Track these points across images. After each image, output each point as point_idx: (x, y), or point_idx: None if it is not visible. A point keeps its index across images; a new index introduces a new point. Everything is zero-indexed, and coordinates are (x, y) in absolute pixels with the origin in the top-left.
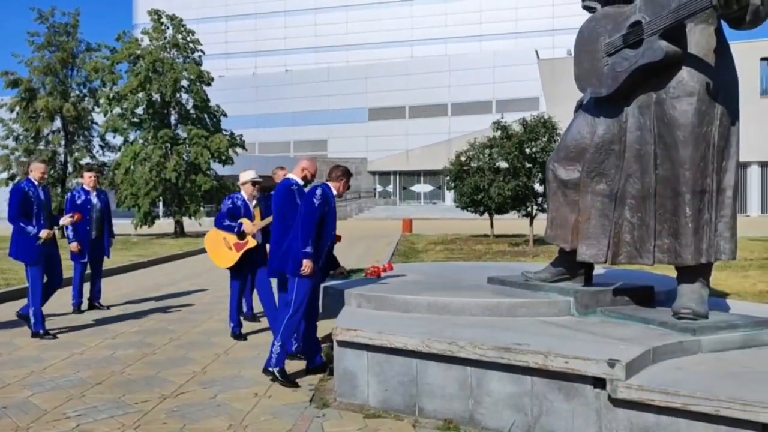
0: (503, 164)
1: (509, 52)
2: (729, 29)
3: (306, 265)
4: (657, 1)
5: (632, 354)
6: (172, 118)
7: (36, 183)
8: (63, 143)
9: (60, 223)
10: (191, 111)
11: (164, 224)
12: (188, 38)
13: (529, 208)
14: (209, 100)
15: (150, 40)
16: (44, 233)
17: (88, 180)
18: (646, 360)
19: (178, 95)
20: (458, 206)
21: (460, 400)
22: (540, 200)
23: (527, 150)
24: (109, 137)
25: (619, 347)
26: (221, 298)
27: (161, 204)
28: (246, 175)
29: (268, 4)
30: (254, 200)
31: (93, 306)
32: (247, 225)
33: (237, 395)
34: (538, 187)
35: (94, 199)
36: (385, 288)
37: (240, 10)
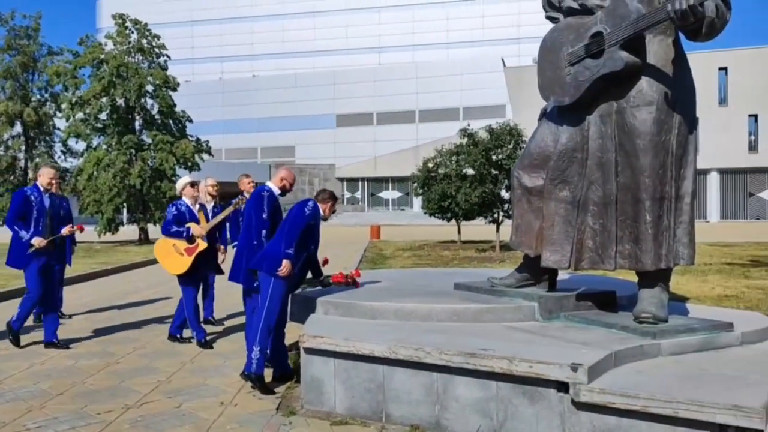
0: (470, 171)
1: (476, 60)
2: (687, 40)
3: (284, 266)
4: (617, 13)
5: (594, 358)
6: (137, 124)
7: (42, 189)
8: (23, 149)
9: (62, 233)
10: (156, 116)
11: (128, 231)
12: (153, 43)
13: (496, 215)
14: (175, 106)
15: (114, 45)
16: (36, 240)
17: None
18: (608, 364)
19: (143, 100)
20: (426, 212)
21: (427, 406)
22: (506, 206)
23: (493, 157)
24: (72, 143)
25: (582, 351)
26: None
27: (125, 210)
28: (182, 181)
29: (235, 10)
30: (197, 204)
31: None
32: (196, 228)
33: (203, 404)
34: (505, 194)
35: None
36: (353, 295)
37: (206, 15)
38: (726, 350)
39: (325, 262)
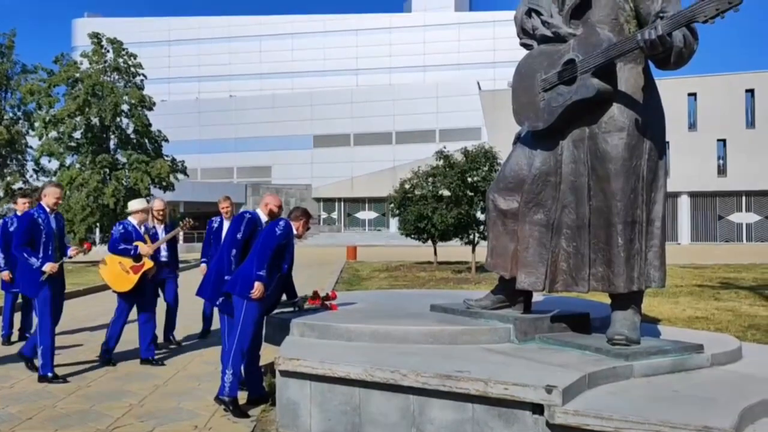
0: (446, 192)
1: (452, 83)
2: (657, 69)
3: (257, 288)
4: (589, 42)
5: (569, 380)
6: (112, 143)
7: (48, 210)
8: None
9: (69, 254)
10: (132, 136)
11: (101, 251)
12: (130, 62)
13: (472, 236)
14: (151, 125)
15: (90, 63)
16: (48, 267)
17: (22, 207)
18: (582, 385)
19: (119, 119)
20: (402, 233)
21: (403, 429)
22: (482, 228)
23: (469, 179)
24: (44, 161)
25: (557, 373)
26: (160, 329)
27: (98, 230)
28: (137, 204)
29: (212, 30)
30: (142, 226)
31: (24, 337)
32: (143, 247)
33: (176, 428)
34: (480, 215)
35: None
36: (328, 316)
37: (183, 35)
38: (697, 372)
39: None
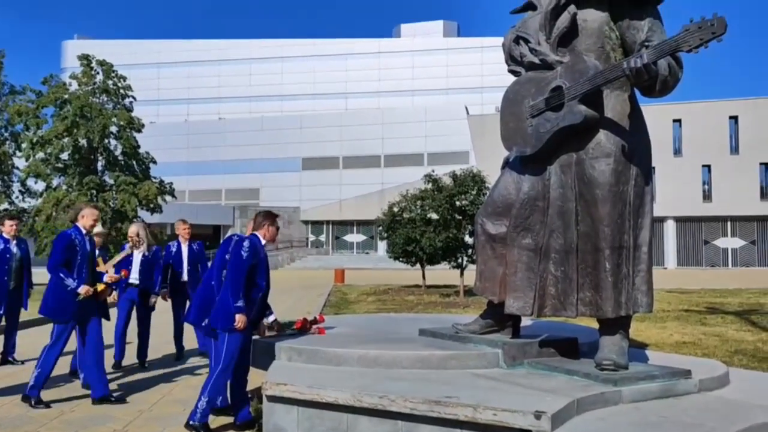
0: (434, 216)
1: (440, 107)
2: (642, 96)
3: (239, 320)
4: (576, 69)
5: (557, 405)
6: (99, 165)
7: (84, 231)
8: None
9: (104, 280)
10: (120, 157)
11: None
12: (119, 84)
13: (460, 259)
14: (139, 147)
15: (79, 85)
16: (83, 290)
17: (9, 229)
18: (571, 411)
19: (107, 141)
20: (390, 256)
21: None
22: (470, 251)
23: (457, 203)
24: (31, 182)
25: (545, 399)
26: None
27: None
28: (94, 229)
29: (202, 53)
30: (97, 250)
31: (6, 361)
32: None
33: None
34: (468, 239)
35: (14, 248)
36: (316, 341)
37: (173, 58)
38: (684, 397)
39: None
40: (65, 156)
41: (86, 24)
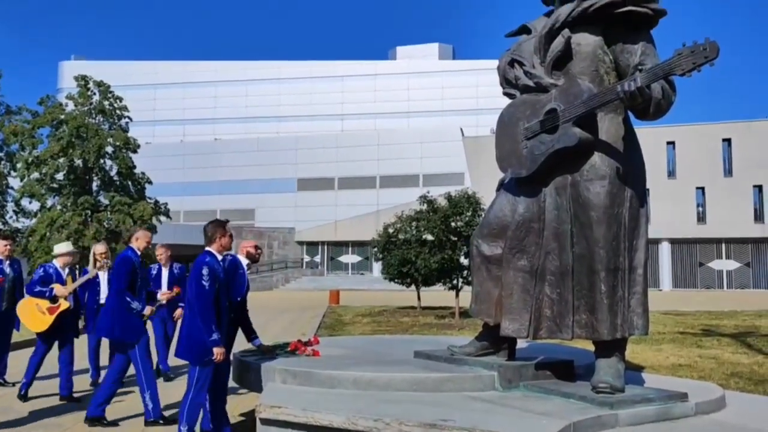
0: (429, 237)
1: (435, 129)
2: (636, 119)
3: (217, 354)
4: (570, 92)
5: (553, 429)
6: (94, 185)
7: (138, 253)
8: None
9: (159, 299)
10: (115, 178)
11: None
12: (115, 104)
13: (455, 281)
14: (134, 167)
15: (75, 105)
16: (148, 310)
17: (3, 249)
18: None
19: (102, 161)
20: (386, 277)
21: None
22: (465, 273)
23: (452, 224)
24: (25, 202)
25: (541, 422)
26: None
27: (78, 273)
28: (62, 248)
29: (198, 74)
30: (66, 269)
31: None
32: (59, 289)
33: None
34: (463, 260)
35: (7, 269)
36: (311, 363)
37: (169, 79)
38: (681, 420)
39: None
40: (60, 176)
41: (84, 45)
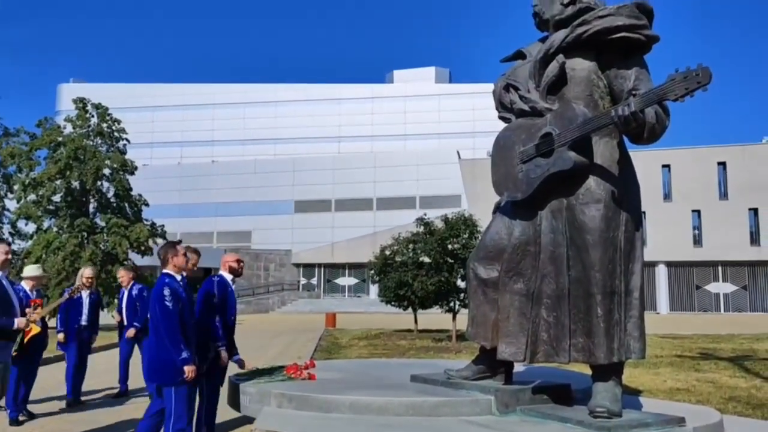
0: (426, 259)
1: (432, 152)
2: (631, 143)
3: (188, 371)
4: (565, 116)
5: None
6: (91, 207)
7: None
8: None
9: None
10: (112, 200)
11: None
12: (114, 126)
13: (452, 303)
14: (131, 189)
15: (73, 128)
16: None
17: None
18: None
19: (99, 183)
20: (382, 300)
21: None
22: (462, 296)
23: (449, 246)
24: (21, 224)
25: None
26: (132, 398)
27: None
28: (31, 271)
29: (196, 97)
30: (35, 291)
31: None
32: (20, 321)
33: None
34: (460, 283)
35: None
36: (307, 387)
37: (167, 101)
38: None
39: None
40: (57, 198)
41: (82, 68)
